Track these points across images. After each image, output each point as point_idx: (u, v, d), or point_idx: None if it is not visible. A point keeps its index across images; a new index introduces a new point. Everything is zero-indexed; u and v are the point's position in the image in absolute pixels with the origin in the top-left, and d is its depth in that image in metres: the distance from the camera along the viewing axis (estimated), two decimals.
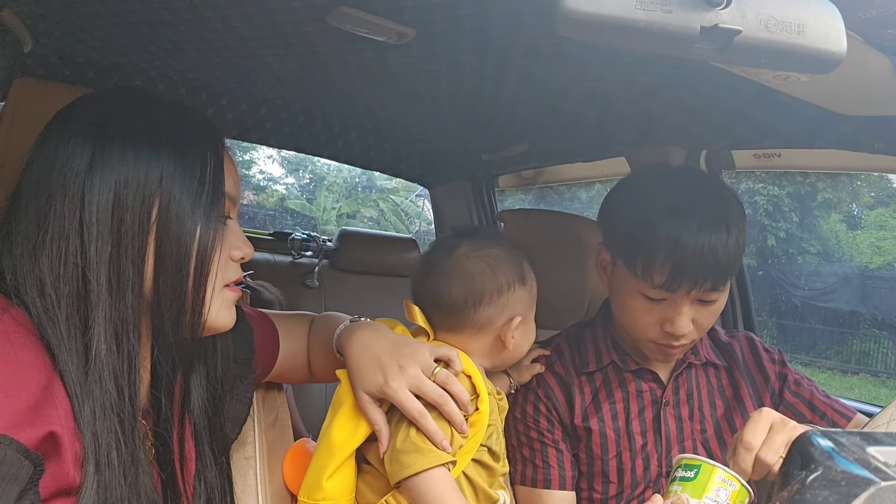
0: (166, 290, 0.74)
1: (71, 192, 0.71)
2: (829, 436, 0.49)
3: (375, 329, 0.98)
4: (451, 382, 0.92)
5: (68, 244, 0.70)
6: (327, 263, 2.60)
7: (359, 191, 16.09)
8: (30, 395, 0.66)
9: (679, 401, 1.17)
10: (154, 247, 0.74)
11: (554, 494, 1.15)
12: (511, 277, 1.03)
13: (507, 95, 1.36)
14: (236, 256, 0.83)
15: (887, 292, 10.79)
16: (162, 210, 0.73)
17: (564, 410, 1.17)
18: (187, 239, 0.74)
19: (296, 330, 1.06)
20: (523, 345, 1.08)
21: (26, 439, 0.64)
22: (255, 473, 1.01)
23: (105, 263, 0.71)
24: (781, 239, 11.19)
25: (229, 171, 0.81)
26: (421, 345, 0.96)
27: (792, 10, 0.56)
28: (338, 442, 0.94)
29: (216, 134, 0.80)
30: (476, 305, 1.01)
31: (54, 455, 0.67)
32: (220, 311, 0.81)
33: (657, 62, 1.05)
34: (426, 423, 0.89)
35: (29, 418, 0.65)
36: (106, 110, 0.76)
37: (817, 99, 0.98)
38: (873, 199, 11.66)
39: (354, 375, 0.95)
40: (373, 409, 0.93)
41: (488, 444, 0.97)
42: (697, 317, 1.05)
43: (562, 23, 0.53)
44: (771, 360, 1.21)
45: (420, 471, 0.88)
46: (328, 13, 0.98)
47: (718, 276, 1.00)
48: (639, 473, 1.15)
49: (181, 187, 0.74)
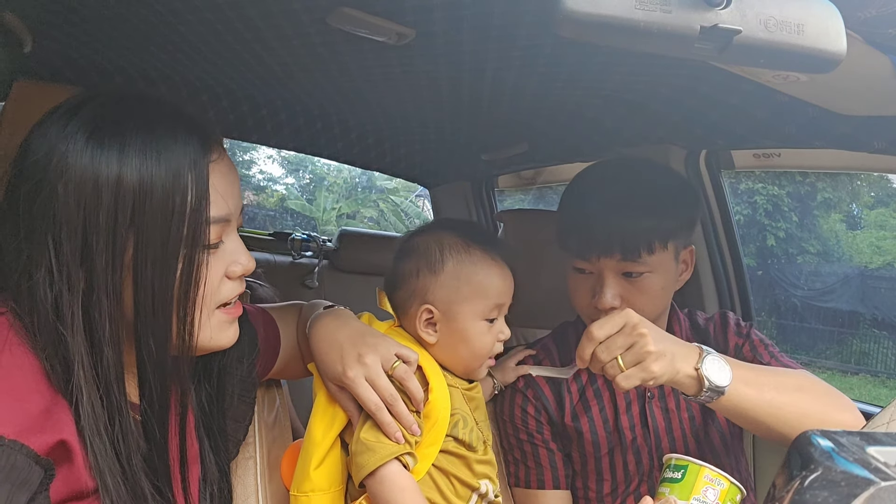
0: (146, 321, 0.71)
1: (41, 216, 0.67)
2: (829, 436, 0.49)
3: (340, 316, 0.98)
4: (409, 379, 0.92)
5: (41, 268, 0.67)
6: (327, 264, 2.60)
7: (359, 191, 16.08)
8: (41, 399, 0.66)
9: (664, 393, 1.18)
10: (132, 284, 0.70)
11: (549, 494, 1.16)
12: (417, 264, 1.01)
13: (507, 95, 1.36)
14: (235, 273, 0.79)
15: (887, 292, 10.78)
16: (137, 250, 0.69)
17: (554, 410, 1.18)
18: (166, 279, 0.71)
19: (289, 322, 1.06)
20: (458, 346, 1.00)
21: (37, 445, 0.64)
22: (255, 473, 1.01)
23: (78, 296, 0.68)
24: (781, 239, 11.18)
25: (221, 189, 0.75)
26: (385, 338, 0.95)
27: (792, 9, 0.56)
28: (317, 434, 0.94)
29: (202, 151, 0.73)
30: (394, 288, 1.03)
31: (66, 461, 0.67)
32: (215, 334, 0.78)
33: (657, 62, 1.05)
34: (381, 415, 0.89)
35: (40, 423, 0.65)
36: (73, 129, 0.69)
37: (817, 99, 0.98)
38: (873, 199, 11.65)
39: (318, 363, 0.95)
40: (342, 396, 0.94)
41: (454, 433, 0.96)
42: (626, 293, 1.07)
43: (561, 23, 0.53)
44: (737, 333, 1.19)
45: (373, 469, 0.88)
46: (328, 14, 0.98)
47: (628, 247, 1.04)
48: (631, 468, 1.15)
49: (154, 226, 0.69)
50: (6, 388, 0.64)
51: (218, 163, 0.76)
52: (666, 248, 1.08)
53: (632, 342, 0.91)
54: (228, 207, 0.76)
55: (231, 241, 0.79)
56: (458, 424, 0.97)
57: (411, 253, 1.03)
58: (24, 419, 0.64)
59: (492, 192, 2.59)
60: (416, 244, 1.04)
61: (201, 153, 0.73)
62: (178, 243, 0.71)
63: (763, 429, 0.95)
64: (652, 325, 0.93)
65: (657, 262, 1.07)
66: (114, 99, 0.73)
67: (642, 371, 0.90)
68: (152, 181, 0.69)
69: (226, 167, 0.77)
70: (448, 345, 1.01)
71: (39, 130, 0.70)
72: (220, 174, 0.76)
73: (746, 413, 0.93)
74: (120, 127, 0.70)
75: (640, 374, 0.90)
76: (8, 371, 0.65)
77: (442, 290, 0.99)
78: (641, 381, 0.91)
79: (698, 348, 0.94)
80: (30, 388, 0.66)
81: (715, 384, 0.91)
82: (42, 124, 0.71)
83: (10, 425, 0.63)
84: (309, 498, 0.93)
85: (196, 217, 0.72)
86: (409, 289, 1.01)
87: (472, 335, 1.00)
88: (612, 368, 0.92)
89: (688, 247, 1.15)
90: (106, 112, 0.71)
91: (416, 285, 1.00)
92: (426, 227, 1.09)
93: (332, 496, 0.94)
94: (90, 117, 0.70)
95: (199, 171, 0.72)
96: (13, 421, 0.63)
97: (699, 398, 0.92)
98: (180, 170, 0.71)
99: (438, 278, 0.99)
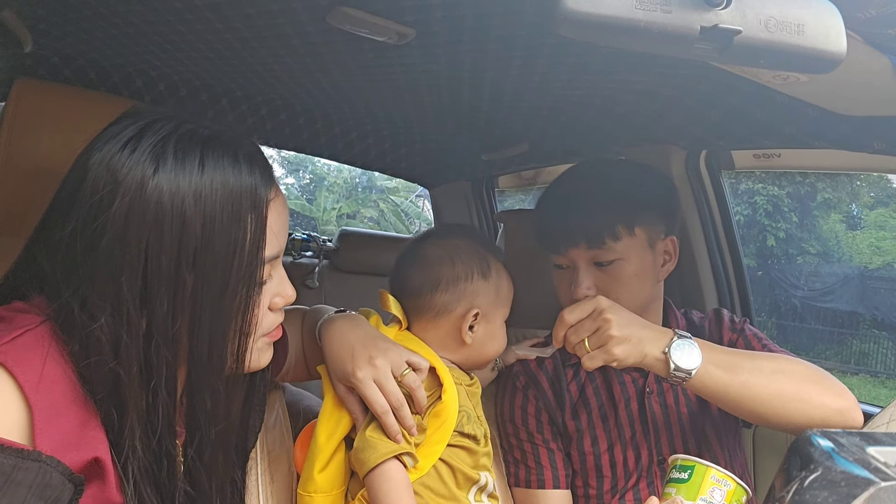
0: (199, 360, 0.71)
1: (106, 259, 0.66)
2: (829, 436, 0.49)
3: (354, 320, 0.99)
4: (417, 389, 0.93)
5: (104, 312, 0.66)
6: (327, 264, 2.60)
7: (359, 191, 16.09)
8: (77, 414, 0.65)
9: (662, 388, 1.19)
10: (187, 323, 0.69)
11: (549, 494, 1.16)
12: (470, 268, 1.05)
13: (507, 95, 1.36)
14: (278, 305, 0.80)
15: (887, 292, 10.77)
16: (196, 292, 0.68)
17: (555, 409, 1.19)
18: (223, 321, 0.71)
19: (294, 327, 1.06)
20: (486, 345, 1.08)
21: (72, 462, 0.63)
22: (255, 474, 1.01)
23: (139, 340, 0.67)
24: (781, 239, 11.18)
25: (276, 229, 0.75)
26: (397, 345, 0.97)
27: (792, 10, 0.56)
28: (321, 438, 0.96)
29: (264, 191, 0.72)
30: (432, 290, 1.04)
31: (97, 478, 0.66)
32: (254, 358, 0.80)
33: (657, 62, 1.05)
34: (386, 419, 0.91)
35: (76, 440, 0.64)
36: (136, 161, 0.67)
37: (817, 99, 0.98)
38: (873, 199, 11.64)
39: (328, 364, 0.96)
40: (350, 398, 0.95)
41: (460, 428, 0.99)
42: (600, 283, 1.12)
43: (562, 23, 0.53)
44: (731, 328, 1.23)
45: (373, 466, 0.90)
46: (328, 13, 0.98)
47: (591, 235, 1.10)
48: (630, 465, 1.16)
49: (214, 270, 0.68)
50: (48, 403, 0.63)
51: (275, 201, 0.76)
52: (633, 234, 1.12)
53: (597, 326, 0.97)
54: (280, 245, 0.77)
55: (277, 274, 0.80)
56: (464, 420, 1.00)
57: (458, 257, 1.05)
58: (63, 435, 0.63)
59: (492, 192, 2.59)
60: (460, 249, 1.06)
61: (262, 194, 0.73)
62: (236, 285, 0.71)
63: (739, 409, 1.00)
64: (622, 311, 0.99)
65: (625, 248, 1.11)
66: (175, 129, 0.71)
67: (605, 353, 0.96)
68: (213, 226, 0.68)
69: (281, 205, 0.78)
70: (480, 344, 1.07)
71: (98, 157, 0.68)
72: (276, 213, 0.76)
73: (718, 394, 0.98)
74: (185, 166, 0.68)
75: (603, 355, 0.97)
76: (50, 385, 0.64)
77: (488, 295, 1.06)
78: (604, 362, 0.97)
79: (671, 332, 0.99)
80: (68, 402, 0.65)
81: (681, 367, 0.95)
82: (99, 150, 0.68)
83: (49, 441, 0.62)
84: (312, 498, 0.96)
85: (253, 259, 0.72)
86: (458, 291, 1.04)
87: (500, 335, 1.09)
88: (580, 350, 0.99)
89: (668, 237, 1.18)
90: (167, 147, 0.68)
91: (468, 288, 1.05)
92: (448, 231, 1.12)
93: (334, 498, 0.97)
94: (155, 152, 0.68)
95: (259, 213, 0.72)
96: (53, 437, 0.62)
97: (670, 380, 0.97)
98: (241, 213, 0.70)
99: (488, 283, 1.06)
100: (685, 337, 0.98)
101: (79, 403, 0.66)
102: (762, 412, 0.98)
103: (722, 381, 0.97)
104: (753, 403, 0.98)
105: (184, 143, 0.70)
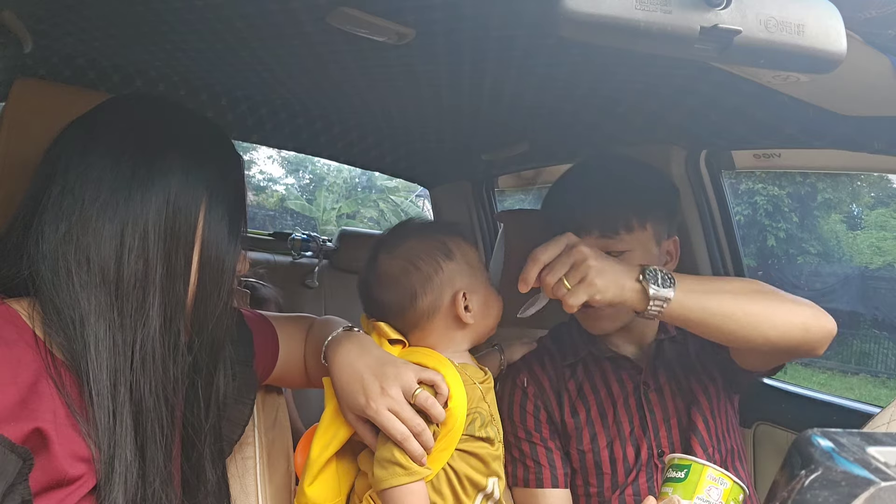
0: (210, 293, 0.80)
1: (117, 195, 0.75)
2: (829, 436, 0.49)
3: (361, 344, 0.98)
4: (432, 406, 0.92)
5: (123, 238, 0.74)
6: (327, 264, 2.60)
7: (359, 191, 16.10)
8: (17, 391, 0.66)
9: (659, 381, 1.19)
10: (198, 262, 0.79)
11: (548, 493, 1.16)
12: (434, 261, 1.04)
13: (507, 95, 1.36)
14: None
15: (887, 292, 10.78)
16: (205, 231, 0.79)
17: (554, 406, 1.19)
18: (227, 255, 0.81)
19: (294, 334, 1.06)
20: (487, 313, 1.07)
21: (12, 434, 0.64)
22: (254, 474, 1.01)
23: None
24: (781, 239, 11.18)
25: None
26: (406, 365, 0.95)
27: (792, 10, 0.56)
28: (315, 451, 0.97)
29: (239, 154, 0.86)
30: (413, 301, 1.03)
31: (42, 450, 0.67)
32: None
33: (657, 62, 1.05)
34: (409, 444, 0.90)
35: (15, 413, 0.65)
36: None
37: (817, 99, 0.99)
38: (873, 200, 11.65)
39: (339, 393, 0.96)
40: (360, 425, 0.95)
41: (472, 432, 0.98)
42: None
43: (562, 23, 0.53)
44: None
45: (396, 485, 0.90)
46: (328, 14, 0.98)
47: (607, 223, 1.12)
48: (630, 460, 1.16)
49: (221, 205, 0.80)
50: None
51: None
52: (645, 229, 1.13)
53: (573, 261, 0.95)
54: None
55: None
56: (476, 422, 0.99)
57: (417, 258, 1.04)
58: (1, 409, 0.64)
59: (492, 192, 2.59)
60: (414, 248, 1.05)
61: (237, 153, 0.87)
62: (234, 225, 0.82)
63: (715, 332, 0.99)
64: (593, 246, 0.98)
65: (636, 241, 1.12)
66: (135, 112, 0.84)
67: (588, 286, 0.94)
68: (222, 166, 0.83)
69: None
70: (482, 315, 1.06)
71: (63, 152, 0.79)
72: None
73: (694, 318, 0.97)
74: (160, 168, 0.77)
75: (586, 289, 0.94)
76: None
77: (463, 272, 1.05)
78: (588, 296, 0.94)
79: (639, 266, 0.98)
80: (8, 379, 0.66)
81: (660, 293, 0.94)
82: (60, 143, 0.79)
83: None
84: None
85: (243, 207, 0.85)
86: (436, 287, 1.03)
87: (493, 297, 1.08)
88: (559, 289, 0.96)
89: (671, 237, 1.19)
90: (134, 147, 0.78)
91: (443, 279, 1.03)
92: (395, 239, 1.09)
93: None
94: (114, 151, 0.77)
95: (241, 168, 0.87)
96: None
97: (650, 311, 0.95)
98: (234, 162, 0.86)
99: (457, 263, 1.05)
100: (651, 267, 0.97)
101: (19, 383, 0.67)
102: (736, 331, 0.98)
103: (698, 304, 0.96)
104: (729, 323, 0.97)
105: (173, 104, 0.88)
